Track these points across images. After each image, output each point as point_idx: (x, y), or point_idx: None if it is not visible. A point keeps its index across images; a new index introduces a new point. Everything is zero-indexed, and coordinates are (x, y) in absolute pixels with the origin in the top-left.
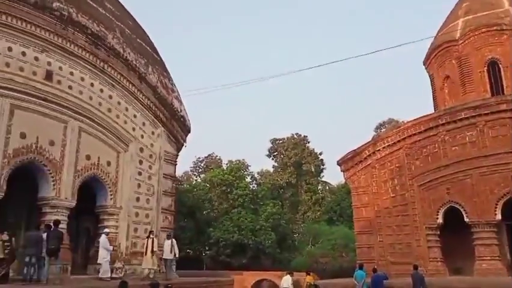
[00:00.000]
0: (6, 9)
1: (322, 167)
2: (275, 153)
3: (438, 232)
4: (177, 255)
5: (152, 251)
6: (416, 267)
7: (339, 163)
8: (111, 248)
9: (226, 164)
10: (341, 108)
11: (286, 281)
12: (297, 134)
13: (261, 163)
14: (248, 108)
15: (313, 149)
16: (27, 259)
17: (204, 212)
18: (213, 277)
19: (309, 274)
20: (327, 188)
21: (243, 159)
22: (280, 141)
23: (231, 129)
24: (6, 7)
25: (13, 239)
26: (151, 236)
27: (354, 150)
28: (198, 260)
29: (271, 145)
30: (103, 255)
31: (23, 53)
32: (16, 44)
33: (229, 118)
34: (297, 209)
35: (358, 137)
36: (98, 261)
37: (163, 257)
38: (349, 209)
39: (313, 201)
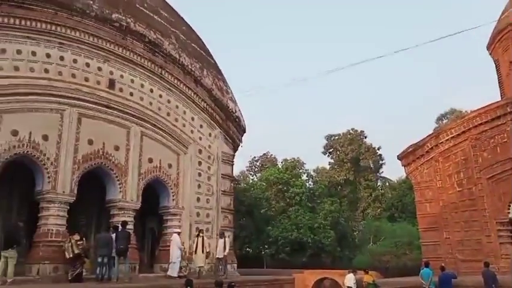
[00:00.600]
0: (73, 25)
1: (381, 162)
2: (331, 150)
3: (510, 227)
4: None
5: (203, 250)
6: (487, 265)
7: (399, 157)
8: (183, 247)
9: (282, 162)
10: (398, 101)
11: (350, 279)
12: (353, 129)
13: (316, 160)
14: (301, 106)
15: (371, 144)
16: (99, 259)
17: (262, 211)
18: (273, 275)
19: (367, 273)
20: (387, 183)
21: (298, 157)
22: (336, 138)
23: (284, 127)
24: (73, 22)
25: (84, 239)
26: (201, 234)
27: (416, 143)
28: (257, 259)
29: (327, 142)
30: (177, 255)
31: (87, 64)
32: (81, 55)
33: (283, 117)
34: (356, 206)
35: (418, 130)
36: (172, 261)
37: (216, 256)
38: (411, 205)
39: (373, 198)
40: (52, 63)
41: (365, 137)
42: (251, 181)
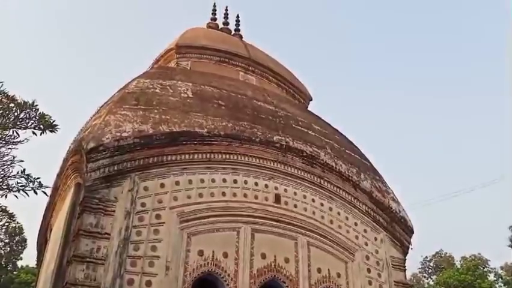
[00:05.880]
0: (243, 152)
1: None
2: None
3: None
4: None
5: None
6: None
7: None
8: None
9: (459, 261)
10: None
11: None
12: None
13: (502, 256)
14: (474, 196)
15: None
16: None
17: None
18: None
19: None
20: None
21: (479, 254)
22: None
23: (457, 221)
24: (243, 149)
25: None
26: None
27: None
28: None
29: None
30: None
31: (256, 183)
32: (250, 176)
33: (455, 209)
34: None
35: None
36: None
37: None
38: None
39: None
40: (228, 186)
41: None
42: (426, 285)
